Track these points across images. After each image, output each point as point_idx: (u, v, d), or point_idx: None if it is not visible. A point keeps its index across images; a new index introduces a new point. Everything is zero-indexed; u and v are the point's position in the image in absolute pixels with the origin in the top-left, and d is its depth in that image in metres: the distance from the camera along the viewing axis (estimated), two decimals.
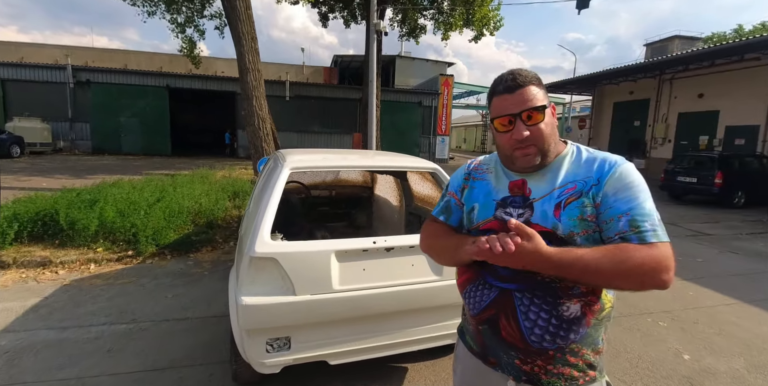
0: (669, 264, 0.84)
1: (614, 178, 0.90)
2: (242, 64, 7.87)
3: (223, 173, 10.98)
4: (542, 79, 1.02)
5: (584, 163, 0.96)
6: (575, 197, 0.91)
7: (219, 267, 4.36)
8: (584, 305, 0.92)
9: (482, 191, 1.06)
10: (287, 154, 2.51)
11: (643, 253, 0.82)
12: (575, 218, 0.90)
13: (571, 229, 0.90)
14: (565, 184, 0.94)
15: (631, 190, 0.88)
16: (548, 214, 0.92)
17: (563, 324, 0.92)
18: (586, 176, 0.93)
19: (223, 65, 24.54)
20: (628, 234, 0.85)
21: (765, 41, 11.31)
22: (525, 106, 0.92)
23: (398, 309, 2.03)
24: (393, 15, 14.97)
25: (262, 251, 1.79)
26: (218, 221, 5.70)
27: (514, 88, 0.93)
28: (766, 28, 24.42)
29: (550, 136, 0.95)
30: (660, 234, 0.85)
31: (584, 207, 0.90)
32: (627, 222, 0.85)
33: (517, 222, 0.86)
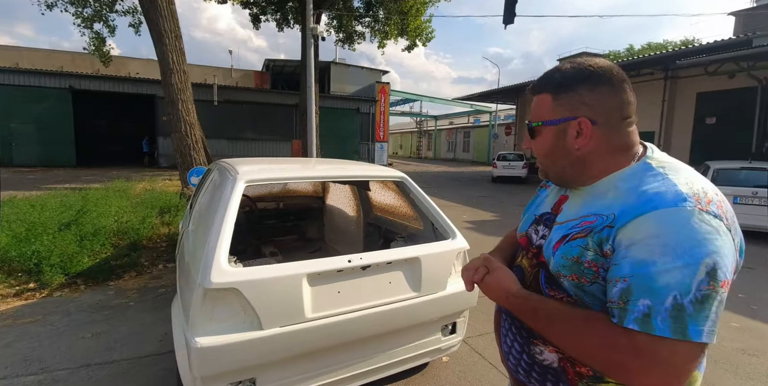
0: (663, 367, 0.59)
1: (636, 225, 0.64)
2: (165, 64, 7.13)
3: (143, 185, 9.85)
4: (468, 90, 0.91)
5: (630, 190, 0.70)
6: (582, 234, 0.71)
7: (147, 295, 3.80)
8: (563, 359, 0.76)
9: (537, 202, 0.97)
10: (236, 165, 2.22)
11: (615, 336, 0.62)
12: (569, 258, 0.72)
13: (560, 269, 0.74)
14: (588, 214, 0.73)
15: (652, 248, 0.61)
16: (551, 244, 0.78)
17: (536, 367, 0.81)
18: (611, 211, 0.69)
19: (137, 66, 22.35)
20: (613, 307, 0.64)
21: (656, 59, 13.11)
22: (530, 118, 0.83)
23: (377, 332, 1.85)
24: (329, 20, 14.80)
25: (220, 281, 1.51)
26: (143, 241, 5.02)
27: (533, 92, 0.83)
28: (651, 48, 28.51)
29: (547, 158, 0.82)
30: (655, 323, 0.58)
31: (585, 249, 0.70)
32: (620, 291, 0.63)
33: (486, 256, 0.87)
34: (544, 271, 0.78)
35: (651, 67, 13.98)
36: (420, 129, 39.09)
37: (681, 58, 11.05)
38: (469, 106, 28.46)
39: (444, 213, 2.29)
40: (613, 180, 0.75)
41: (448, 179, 17.06)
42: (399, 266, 1.90)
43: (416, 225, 2.68)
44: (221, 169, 2.33)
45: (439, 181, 16.06)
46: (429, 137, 39.29)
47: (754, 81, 10.45)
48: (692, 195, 0.63)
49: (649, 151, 0.78)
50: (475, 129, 32.54)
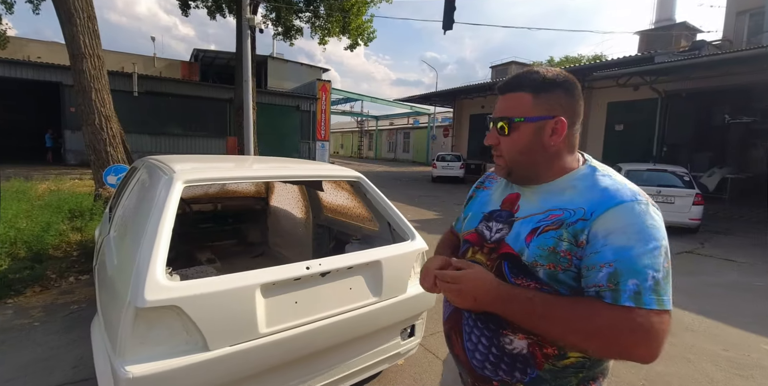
0: (646, 337, 0.68)
1: (610, 217, 0.73)
2: (75, 48, 6.23)
3: (47, 185, 8.60)
4: (407, 91, 0.91)
5: (588, 189, 0.81)
6: (554, 226, 0.79)
7: (56, 314, 3.27)
8: (533, 344, 0.81)
9: (480, 201, 1.02)
10: (170, 162, 1.95)
11: (607, 315, 0.69)
12: (546, 248, 0.78)
13: (536, 259, 0.79)
14: (552, 209, 0.82)
15: (627, 235, 0.71)
16: (520, 237, 0.83)
17: (505, 358, 0.84)
18: (579, 205, 0.79)
19: (39, 49, 19.46)
20: (603, 290, 0.71)
21: (574, 70, 14.39)
22: (499, 114, 0.86)
23: (337, 342, 1.73)
24: (267, 12, 14.10)
25: (156, 298, 1.29)
26: (50, 250, 4.34)
27: (504, 90, 0.87)
28: (569, 61, 31.46)
29: (518, 153, 0.86)
30: (646, 298, 0.68)
31: (560, 240, 0.77)
32: (607, 275, 0.71)
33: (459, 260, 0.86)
34: (506, 263, 0.84)
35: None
36: (361, 129, 39.05)
37: (597, 71, 12.25)
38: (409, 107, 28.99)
39: None
40: (569, 179, 0.84)
41: (389, 179, 17.22)
42: (360, 271, 1.80)
43: (371, 226, 2.59)
44: (151, 167, 2.04)
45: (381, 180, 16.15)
46: (370, 137, 39.43)
47: (654, 93, 11.93)
48: (639, 193, 0.78)
49: (586, 155, 0.92)
50: (414, 130, 33.28)
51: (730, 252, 5.90)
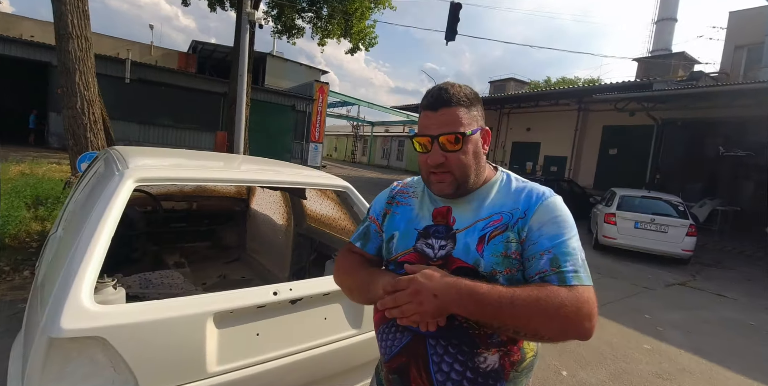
0: (591, 311, 0.74)
1: (541, 211, 0.83)
2: (62, 27, 5.93)
3: (21, 168, 8.15)
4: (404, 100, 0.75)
5: (513, 192, 0.89)
6: (500, 231, 0.83)
7: (1, 312, 2.93)
8: (503, 356, 0.83)
9: (404, 218, 0.96)
10: (129, 155, 1.68)
11: (564, 294, 0.73)
12: (498, 254, 0.81)
13: (494, 267, 0.81)
14: (491, 215, 0.86)
15: (556, 224, 0.81)
16: (470, 248, 0.84)
17: (479, 378, 0.82)
18: (513, 207, 0.85)
19: (33, 28, 18.89)
20: (548, 275, 0.77)
21: (573, 92, 14.54)
22: (444, 129, 0.83)
23: (307, 382, 1.46)
24: (268, 9, 13.88)
25: (76, 327, 1.01)
26: (5, 239, 3.98)
27: (438, 105, 0.84)
28: (565, 82, 31.85)
29: (469, 166, 0.86)
30: (582, 276, 0.77)
31: (509, 242, 0.82)
32: (548, 261, 0.78)
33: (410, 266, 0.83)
34: None
35: (568, 98, 15.43)
36: (356, 133, 38.84)
37: (595, 93, 12.28)
38: (405, 115, 28.92)
39: None
40: (493, 185, 0.91)
41: (382, 186, 16.96)
42: (337, 298, 1.54)
43: None
44: (109, 159, 1.75)
45: (372, 187, 15.90)
46: (365, 142, 39.23)
47: (651, 120, 11.98)
48: (548, 188, 0.89)
49: (493, 163, 0.97)
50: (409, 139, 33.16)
51: (724, 287, 5.78)
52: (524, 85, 27.41)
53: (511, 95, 17.63)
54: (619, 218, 7.22)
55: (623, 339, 3.59)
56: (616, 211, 7.31)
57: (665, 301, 4.88)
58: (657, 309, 4.52)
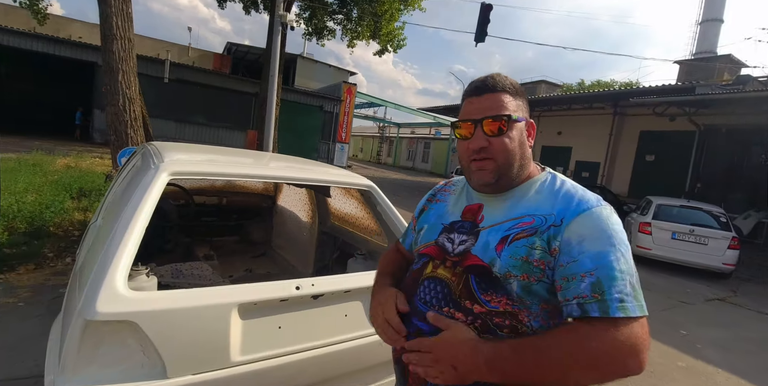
0: (639, 347, 0.66)
1: (582, 223, 0.73)
2: (107, 28, 6.27)
3: (66, 161, 8.65)
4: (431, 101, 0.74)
5: (553, 195, 0.81)
6: (526, 234, 0.77)
7: (44, 296, 3.12)
8: None
9: (437, 213, 0.96)
10: (165, 150, 1.76)
11: (609, 331, 0.65)
12: (518, 258, 0.75)
13: (509, 269, 0.75)
14: (522, 216, 0.80)
15: (601, 241, 0.71)
16: (489, 247, 0.79)
17: None
18: (548, 212, 0.78)
19: (81, 29, 20.09)
20: (589, 302, 0.68)
21: (609, 95, 14.00)
22: (488, 113, 0.80)
23: (325, 378, 1.48)
24: (300, 11, 14.18)
25: (110, 311, 1.07)
26: (50, 228, 4.23)
27: (483, 90, 0.83)
28: (600, 85, 30.72)
29: (513, 153, 0.81)
30: (629, 306, 0.67)
31: (533, 248, 0.75)
32: (590, 285, 0.68)
33: (435, 315, 0.77)
34: (473, 276, 0.78)
35: (603, 101, 14.90)
36: (382, 134, 39.00)
37: (633, 97, 11.80)
38: (432, 117, 28.77)
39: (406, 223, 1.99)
40: (533, 184, 0.84)
41: (406, 188, 16.94)
42: (358, 295, 1.55)
43: (379, 241, 2.34)
44: (146, 153, 1.84)
45: (398, 188, 15.89)
46: (390, 143, 39.31)
47: (693, 126, 11.39)
48: (601, 198, 0.79)
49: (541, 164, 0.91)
50: (435, 141, 32.99)
51: (766, 305, 5.41)
52: (556, 87, 26.71)
53: (542, 97, 17.22)
54: (655, 228, 6.90)
55: (656, 355, 3.42)
56: (651, 220, 6.99)
57: (703, 317, 4.61)
58: (693, 324, 4.28)
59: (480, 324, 0.75)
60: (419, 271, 0.89)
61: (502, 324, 0.75)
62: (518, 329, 0.74)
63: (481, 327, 0.75)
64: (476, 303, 0.77)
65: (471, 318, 0.76)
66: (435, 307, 0.81)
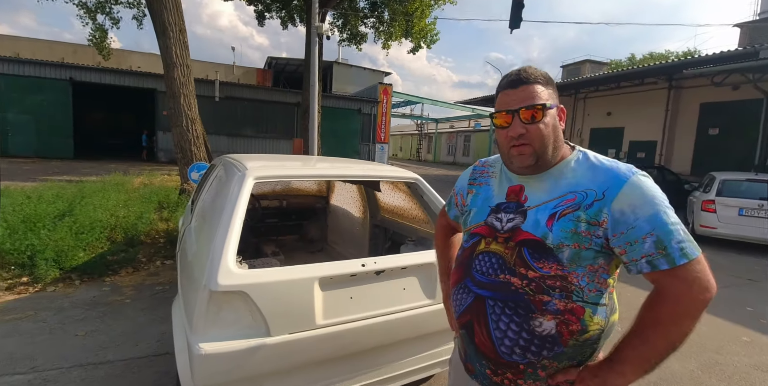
0: (703, 282, 0.80)
1: (627, 194, 0.84)
2: (168, 58, 7.01)
3: (141, 180, 9.71)
4: (468, 94, 0.97)
5: (589, 171, 0.91)
6: (572, 209, 0.87)
7: (144, 293, 3.69)
8: (560, 323, 0.87)
9: (483, 197, 1.06)
10: (244, 160, 2.13)
11: (680, 279, 0.80)
12: (568, 230, 0.86)
13: (562, 240, 0.86)
14: (564, 194, 0.90)
15: (649, 205, 0.82)
16: (540, 223, 0.90)
17: (535, 340, 0.88)
18: (587, 187, 0.88)
19: (138, 59, 22.18)
20: (656, 258, 0.80)
21: (662, 68, 13.08)
22: (524, 103, 0.90)
23: (390, 341, 1.76)
24: (334, 20, 14.70)
25: (227, 283, 1.41)
26: (141, 237, 4.91)
27: (517, 83, 0.92)
28: (653, 58, 28.50)
29: (548, 138, 0.91)
30: (688, 251, 0.80)
31: (579, 221, 0.86)
32: (653, 244, 0.80)
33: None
34: (526, 249, 0.90)
35: (655, 76, 13.97)
36: (420, 131, 39.03)
37: (687, 68, 11.02)
38: (470, 109, 28.39)
39: None
40: (568, 163, 0.94)
41: (447, 183, 16.99)
42: (414, 272, 1.82)
43: (427, 228, 2.59)
44: (227, 164, 2.23)
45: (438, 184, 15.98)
46: (429, 140, 39.23)
47: (759, 93, 10.44)
48: (631, 166, 0.90)
49: (571, 143, 1.01)
50: (475, 133, 32.49)
51: None
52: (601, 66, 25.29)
53: (587, 78, 16.41)
54: (720, 205, 6.52)
55: (717, 331, 3.36)
56: (715, 198, 6.60)
57: None
58: (761, 302, 4.08)
59: (534, 287, 0.87)
60: (472, 248, 1.00)
61: (554, 285, 0.87)
62: (569, 288, 0.86)
63: (536, 288, 0.87)
64: (530, 270, 0.88)
65: (526, 282, 0.88)
66: (491, 275, 0.93)
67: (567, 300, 0.87)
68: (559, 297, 0.87)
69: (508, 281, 0.91)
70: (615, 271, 0.93)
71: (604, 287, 0.89)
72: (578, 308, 0.87)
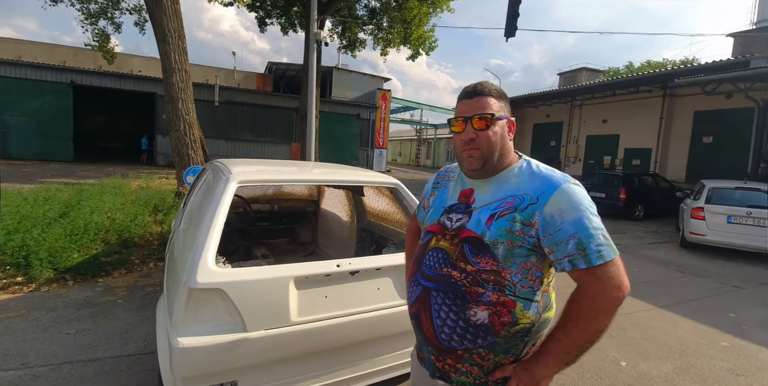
0: (616, 282, 0.90)
1: (557, 198, 0.93)
2: (167, 63, 7.14)
3: (139, 183, 9.80)
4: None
5: (528, 178, 1.01)
6: (509, 211, 0.97)
7: (136, 294, 3.76)
8: (493, 314, 0.95)
9: (440, 198, 1.17)
10: (230, 165, 2.22)
11: (596, 277, 0.89)
12: (504, 230, 0.95)
13: (497, 238, 0.96)
14: (506, 197, 1.00)
15: (575, 210, 0.91)
16: (481, 222, 0.99)
17: (470, 328, 0.96)
18: (525, 192, 0.98)
19: (140, 63, 22.38)
20: (576, 258, 0.90)
21: (656, 77, 13.28)
22: (477, 112, 1.00)
23: (363, 339, 1.83)
24: (333, 26, 14.91)
25: (205, 281, 1.50)
26: (135, 239, 4.98)
27: (473, 95, 1.03)
28: (651, 66, 28.82)
29: (495, 144, 1.01)
30: (604, 253, 0.89)
31: (514, 221, 0.95)
32: (575, 245, 0.90)
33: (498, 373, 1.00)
34: (467, 245, 0.99)
35: (650, 84, 14.15)
36: (419, 137, 39.23)
37: (680, 77, 11.19)
38: None
39: None
40: (513, 170, 1.04)
41: None
42: (388, 272, 1.90)
43: None
44: (215, 168, 2.32)
45: None
46: (428, 145, 39.41)
47: (750, 102, 10.59)
48: (567, 175, 0.99)
49: (519, 152, 1.12)
50: None
51: None
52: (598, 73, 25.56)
53: (582, 86, 16.66)
54: (708, 212, 6.60)
55: (697, 335, 3.43)
56: (704, 205, 6.70)
57: (756, 301, 4.44)
58: (744, 308, 4.16)
59: (471, 279, 0.96)
60: (425, 245, 1.10)
61: (488, 279, 0.95)
62: (501, 283, 0.95)
63: (472, 281, 0.96)
64: (468, 264, 0.98)
65: (464, 275, 0.98)
66: (436, 269, 1.03)
67: (500, 293, 0.96)
68: (492, 290, 0.96)
69: (449, 274, 1.00)
70: (549, 271, 1.02)
71: (537, 284, 0.98)
72: (510, 301, 0.95)
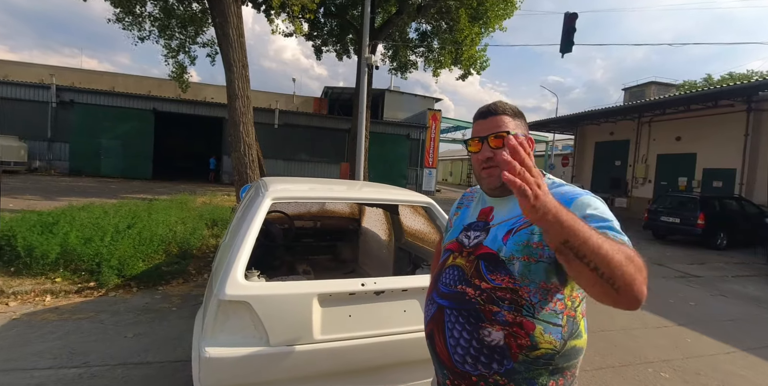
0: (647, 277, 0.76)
1: (578, 205, 0.89)
2: (231, 90, 7.84)
3: (203, 199, 10.64)
4: (525, 117, 1.10)
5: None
6: (527, 225, 0.93)
7: (189, 302, 4.00)
8: (509, 335, 0.90)
9: (461, 217, 1.17)
10: (270, 182, 2.33)
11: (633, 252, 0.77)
12: (520, 244, 0.92)
13: (513, 253, 0.92)
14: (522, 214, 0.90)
15: (599, 213, 0.87)
16: (498, 238, 0.97)
17: (484, 350, 0.91)
18: None
19: (212, 91, 24.69)
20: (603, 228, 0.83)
21: (737, 89, 11.99)
22: (492, 131, 1.00)
23: (387, 363, 1.78)
24: (385, 50, 15.46)
25: (233, 293, 1.56)
26: (193, 251, 5.36)
27: (487, 115, 1.03)
28: (733, 78, 26.09)
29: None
30: (627, 242, 0.80)
31: (532, 233, 0.92)
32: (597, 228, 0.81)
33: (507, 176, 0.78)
34: (483, 262, 0.97)
35: (731, 98, 12.81)
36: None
37: (762, 90, 10.02)
38: None
39: None
40: None
41: None
42: (415, 294, 1.85)
43: None
44: (257, 185, 2.46)
45: None
46: None
47: None
48: (588, 191, 0.95)
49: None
50: None
51: None
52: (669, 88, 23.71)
53: (653, 101, 15.37)
54: None
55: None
56: None
57: None
58: None
59: (485, 297, 0.93)
60: (443, 263, 1.10)
61: (504, 297, 0.91)
62: (518, 302, 0.90)
63: (486, 299, 0.92)
64: (483, 281, 0.94)
65: (478, 292, 0.94)
66: (452, 286, 1.00)
67: (516, 313, 0.90)
68: (508, 309, 0.91)
69: (463, 291, 0.97)
70: (573, 294, 0.94)
71: (560, 308, 0.92)
72: (528, 323, 0.90)
